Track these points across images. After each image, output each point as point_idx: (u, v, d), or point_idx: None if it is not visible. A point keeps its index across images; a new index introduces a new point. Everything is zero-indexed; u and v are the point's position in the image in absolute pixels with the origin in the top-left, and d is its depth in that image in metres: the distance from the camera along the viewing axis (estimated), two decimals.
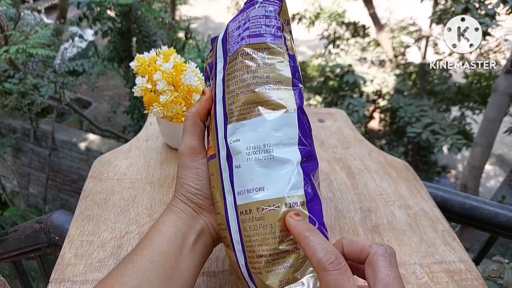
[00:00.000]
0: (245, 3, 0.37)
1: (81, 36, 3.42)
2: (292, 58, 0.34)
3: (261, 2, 0.34)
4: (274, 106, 0.32)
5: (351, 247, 0.30)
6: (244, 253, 0.32)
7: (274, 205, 0.31)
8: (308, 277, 0.31)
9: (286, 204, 0.31)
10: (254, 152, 0.32)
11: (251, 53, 0.33)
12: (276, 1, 0.35)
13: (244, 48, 0.33)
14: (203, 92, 0.38)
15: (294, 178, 0.32)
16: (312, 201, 0.32)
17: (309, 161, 0.33)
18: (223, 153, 0.33)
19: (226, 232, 0.33)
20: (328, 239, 0.32)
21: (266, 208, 0.31)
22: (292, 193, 0.31)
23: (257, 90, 0.32)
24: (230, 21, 0.37)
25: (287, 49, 0.34)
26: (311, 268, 0.31)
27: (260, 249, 0.31)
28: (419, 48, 4.32)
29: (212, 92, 0.37)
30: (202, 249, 0.35)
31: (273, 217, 0.31)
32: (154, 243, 0.32)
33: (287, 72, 0.33)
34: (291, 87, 0.33)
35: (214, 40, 0.40)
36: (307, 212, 0.32)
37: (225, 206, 0.33)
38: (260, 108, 0.32)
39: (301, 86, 0.34)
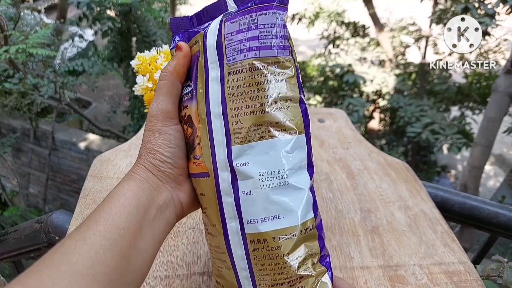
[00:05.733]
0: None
1: (81, 36, 3.41)
2: (297, 70, 0.32)
3: (273, 8, 0.31)
4: (286, 128, 0.30)
5: None
6: (254, 281, 0.31)
7: (290, 233, 0.30)
8: None
9: (301, 231, 0.30)
10: (268, 179, 0.30)
11: (261, 67, 0.30)
12: (284, 5, 0.32)
13: (254, 62, 0.30)
14: (179, 48, 0.34)
15: (306, 203, 0.31)
16: (318, 219, 0.32)
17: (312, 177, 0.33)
18: (224, 175, 0.31)
19: (224, 256, 0.32)
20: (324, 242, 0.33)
21: (283, 237, 0.30)
22: (306, 217, 0.31)
23: (268, 110, 0.30)
24: (225, 20, 0.32)
25: (294, 61, 0.32)
26: None
27: (277, 278, 0.30)
28: (419, 48, 4.31)
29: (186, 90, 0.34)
30: (163, 226, 0.32)
31: (289, 245, 0.30)
32: (111, 216, 0.28)
33: (295, 88, 0.31)
34: (299, 104, 0.31)
35: (188, 20, 0.36)
36: (317, 232, 0.32)
37: (225, 231, 0.31)
38: (272, 129, 0.30)
39: (305, 100, 0.33)
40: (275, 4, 0.31)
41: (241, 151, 0.30)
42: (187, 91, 0.34)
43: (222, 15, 0.33)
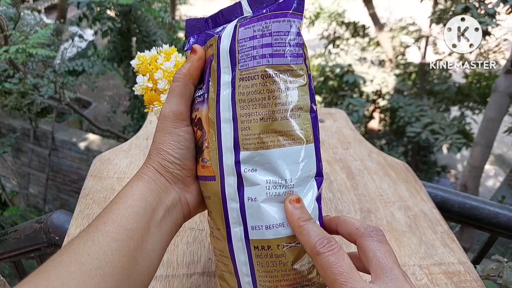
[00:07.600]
0: (261, 3, 0.32)
1: (81, 36, 3.42)
2: (310, 79, 0.32)
3: (288, 16, 0.30)
4: (295, 137, 0.30)
5: (342, 228, 0.31)
6: (256, 286, 0.31)
7: (295, 242, 0.30)
8: None
9: None
10: (274, 187, 0.30)
11: (273, 75, 0.30)
12: (300, 13, 0.31)
13: (266, 69, 0.30)
14: (194, 50, 0.34)
15: (311, 213, 0.31)
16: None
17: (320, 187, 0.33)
18: (231, 180, 0.31)
19: (227, 260, 0.32)
20: None
21: (287, 245, 0.30)
22: None
23: (279, 118, 0.30)
24: (240, 25, 0.32)
25: (307, 69, 0.32)
26: None
27: (280, 285, 0.30)
28: (419, 48, 4.32)
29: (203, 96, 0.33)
30: (170, 227, 0.32)
31: (293, 254, 0.30)
32: (119, 217, 0.28)
33: (307, 97, 0.31)
34: (309, 113, 0.31)
35: (204, 22, 0.36)
36: None
37: (229, 236, 0.31)
38: (280, 138, 0.30)
39: (316, 109, 0.32)
40: (290, 12, 0.31)
41: (249, 157, 0.30)
42: (199, 93, 0.34)
43: (237, 20, 0.33)
